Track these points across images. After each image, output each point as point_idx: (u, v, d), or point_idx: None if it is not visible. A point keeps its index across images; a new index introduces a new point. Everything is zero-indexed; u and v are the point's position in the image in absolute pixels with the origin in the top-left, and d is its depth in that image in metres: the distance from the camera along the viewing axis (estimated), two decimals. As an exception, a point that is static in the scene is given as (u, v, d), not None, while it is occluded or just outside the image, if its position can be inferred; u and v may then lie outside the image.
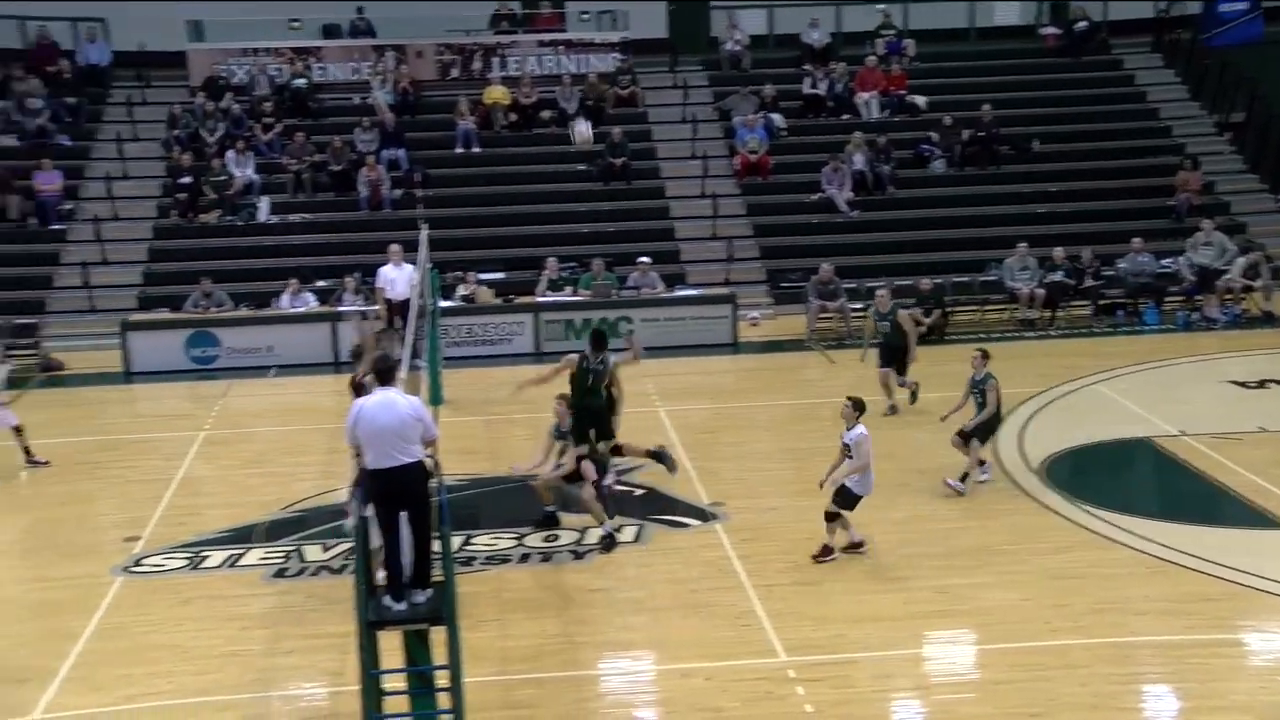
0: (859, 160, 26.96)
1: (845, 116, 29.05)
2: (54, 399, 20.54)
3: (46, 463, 16.74)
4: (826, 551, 13.28)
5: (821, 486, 13.41)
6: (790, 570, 13.15)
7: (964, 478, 15.04)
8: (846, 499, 13.27)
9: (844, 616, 12.10)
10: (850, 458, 13.20)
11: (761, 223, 26.73)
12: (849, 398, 13.43)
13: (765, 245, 26.29)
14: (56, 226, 25.66)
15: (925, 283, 22.72)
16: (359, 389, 12.81)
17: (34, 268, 24.99)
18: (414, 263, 19.26)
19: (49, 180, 25.80)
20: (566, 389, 14.35)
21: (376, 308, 21.54)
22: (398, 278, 20.99)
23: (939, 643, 11.91)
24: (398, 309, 21.11)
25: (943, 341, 21.86)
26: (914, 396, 18.02)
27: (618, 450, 14.43)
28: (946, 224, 26.51)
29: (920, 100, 29.43)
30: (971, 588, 12.62)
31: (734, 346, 22.90)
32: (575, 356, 14.38)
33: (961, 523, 14.34)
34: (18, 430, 16.67)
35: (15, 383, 20.67)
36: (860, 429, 13.22)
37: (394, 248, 21.11)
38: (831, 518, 13.26)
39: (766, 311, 24.51)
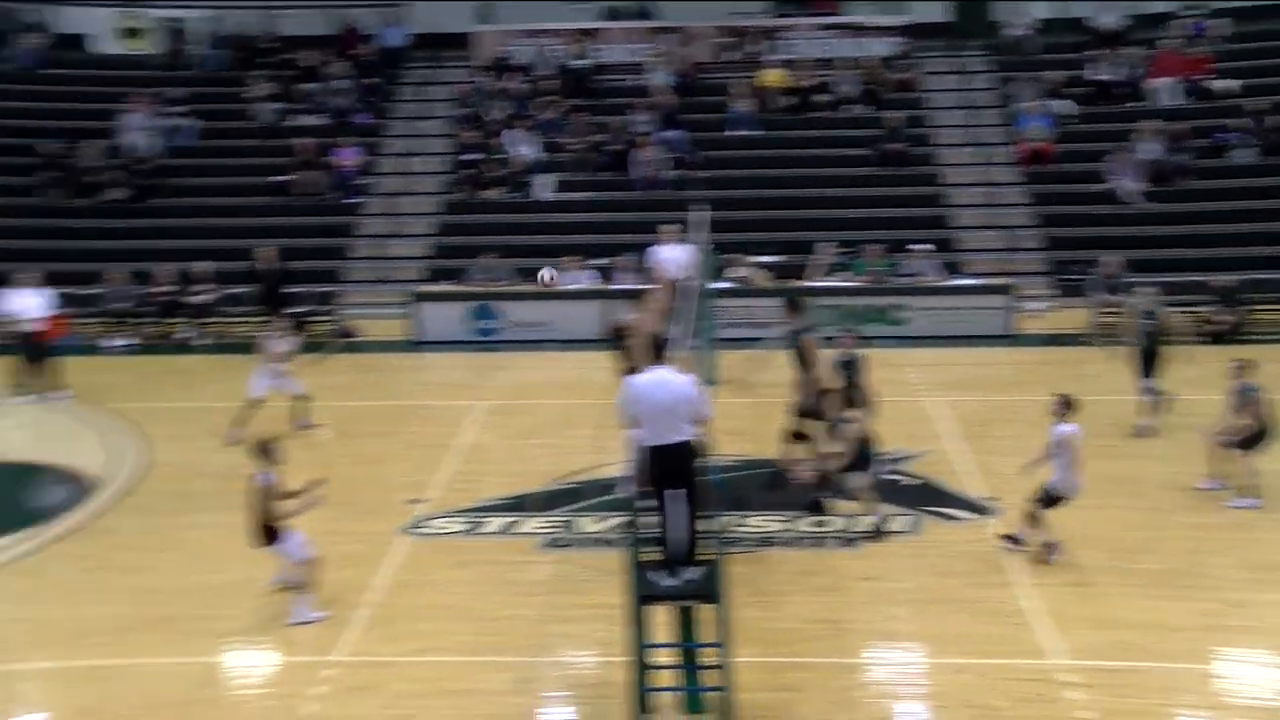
0: (1151, 149, 25.83)
1: (1133, 104, 27.85)
2: (348, 364, 21.58)
3: (315, 427, 17.45)
4: (1013, 540, 12.99)
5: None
6: (1063, 569, 12.75)
7: (1240, 491, 14.27)
8: (1048, 497, 12.81)
9: (1124, 622, 11.65)
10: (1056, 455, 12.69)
11: (1047, 212, 25.92)
12: (1058, 394, 12.92)
13: (1050, 236, 25.49)
14: (353, 200, 26.90)
15: (1220, 280, 21.64)
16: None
17: (333, 239, 26.26)
18: (690, 243, 19.42)
19: (348, 157, 27.09)
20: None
21: (649, 287, 21.89)
22: (672, 257, 21.28)
23: (1236, 660, 11.26)
24: (672, 289, 21.43)
25: (1239, 341, 20.76)
26: (1158, 405, 16.98)
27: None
28: (1248, 217, 25.12)
29: (1230, 85, 27.86)
30: (1273, 605, 11.97)
31: (1011, 338, 22.30)
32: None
33: (1259, 534, 13.62)
34: (300, 398, 17.48)
35: (313, 347, 21.89)
36: (1068, 426, 12.68)
37: (669, 227, 21.43)
38: (1034, 512, 12.86)
39: (1049, 304, 23.76)
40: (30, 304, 19.32)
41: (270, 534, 12.14)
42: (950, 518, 14.25)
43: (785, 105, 28.39)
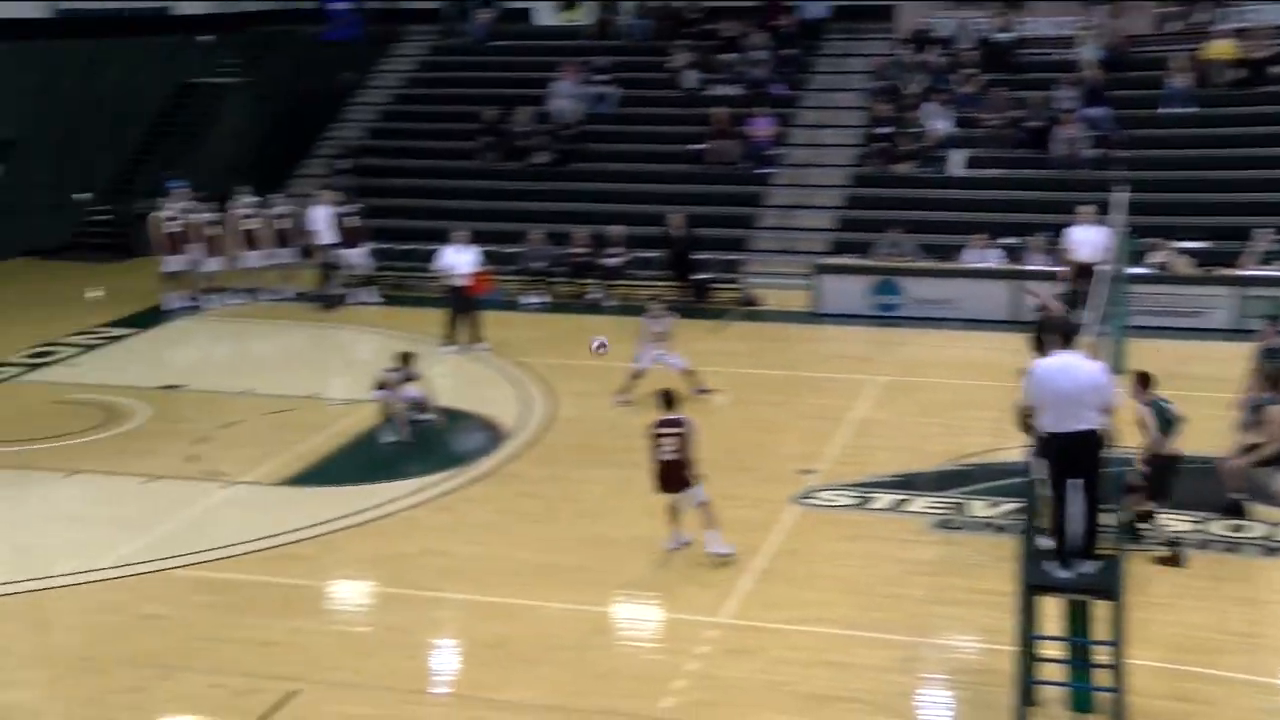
0: None
1: None
2: (748, 332, 21.88)
3: (711, 391, 17.66)
4: None
5: None
6: None
7: None
8: None
9: None
10: None
11: None
12: None
13: None
14: (763, 171, 27.17)
15: None
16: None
17: (741, 208, 26.62)
18: (1108, 225, 18.53)
19: (762, 127, 27.37)
20: None
21: (1061, 269, 21.09)
22: (1087, 239, 20.41)
23: None
24: (1084, 271, 20.54)
25: None
26: None
27: None
28: None
29: None
30: None
31: None
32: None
33: None
34: (687, 372, 17.71)
35: (715, 314, 22.34)
36: None
37: (1085, 208, 20.55)
38: None
39: None
40: (461, 260, 20.59)
41: (680, 480, 12.44)
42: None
43: (1231, 79, 26.41)
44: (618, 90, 29.38)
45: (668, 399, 13.02)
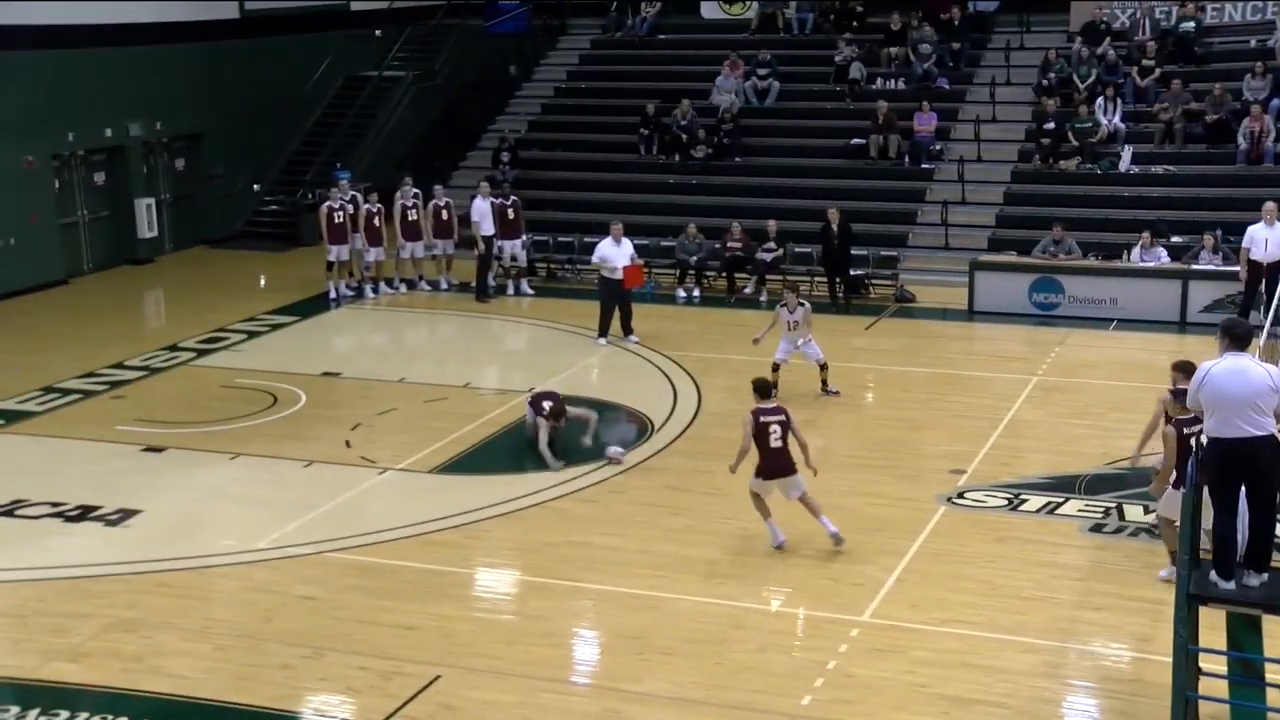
0: None
1: None
2: (902, 329, 21.59)
3: (837, 392, 17.49)
4: None
5: None
6: None
7: None
8: None
9: None
10: None
11: None
12: None
13: None
14: (926, 166, 26.75)
15: None
16: None
17: (901, 203, 26.24)
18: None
19: (926, 121, 26.92)
20: None
21: (1237, 269, 20.40)
22: (1269, 237, 19.68)
23: None
24: (1265, 271, 19.79)
25: None
26: None
27: None
28: None
29: None
30: None
31: None
32: None
33: None
34: (824, 366, 17.57)
35: (871, 310, 22.10)
36: None
37: (1269, 205, 19.85)
38: None
39: None
40: (616, 253, 20.68)
41: (790, 466, 12.91)
42: None
43: None
44: (779, 84, 29.22)
45: (763, 388, 13.22)
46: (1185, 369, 11.80)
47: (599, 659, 11.30)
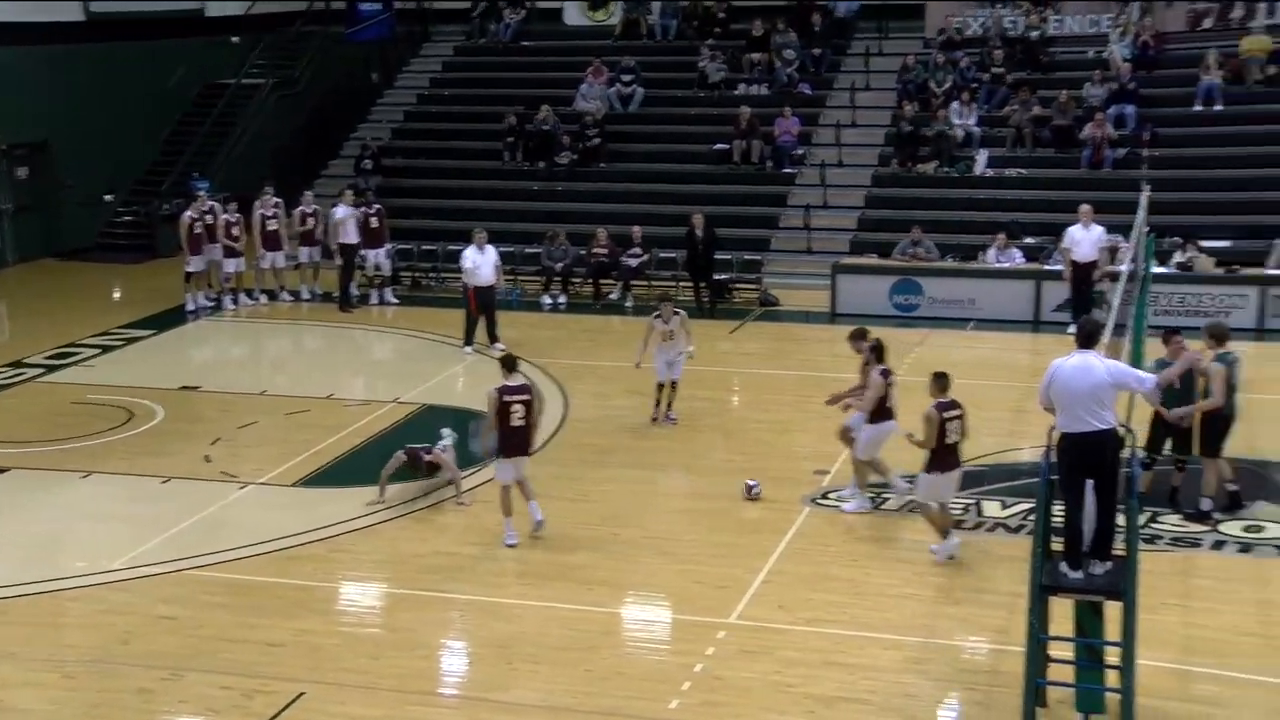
0: None
1: None
2: (767, 332, 21.86)
3: (674, 420, 16.86)
4: None
5: None
6: None
7: None
8: None
9: None
10: None
11: None
12: None
13: None
14: (788, 170, 27.09)
15: None
16: None
17: (764, 208, 26.55)
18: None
19: (788, 126, 27.28)
20: None
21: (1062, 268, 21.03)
22: (1084, 239, 20.41)
23: None
24: (1083, 271, 20.47)
25: None
26: None
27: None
28: None
29: None
30: None
31: None
32: None
33: None
34: (673, 385, 17.02)
35: (735, 314, 22.31)
36: None
37: (1084, 208, 20.84)
38: None
39: None
40: (482, 261, 20.55)
41: (527, 445, 13.26)
42: None
43: (1264, 76, 26.11)
44: (643, 90, 29.36)
45: (509, 363, 13.42)
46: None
47: (467, 669, 11.24)
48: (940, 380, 12.80)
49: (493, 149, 28.67)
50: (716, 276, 23.37)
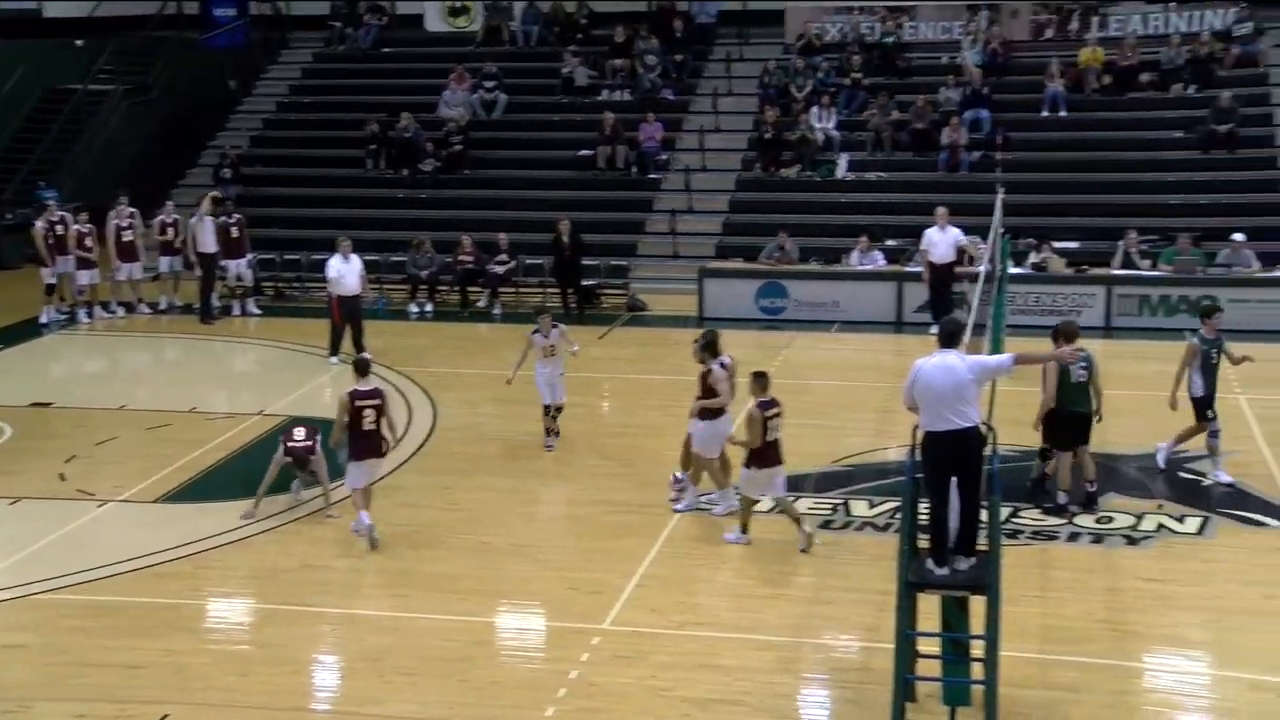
0: None
1: None
2: (635, 337, 21.97)
3: (551, 446, 16.38)
4: None
5: None
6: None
7: None
8: None
9: None
10: None
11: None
12: None
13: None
14: (653, 175, 27.27)
15: None
16: None
17: (630, 213, 26.70)
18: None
19: (651, 132, 27.44)
20: None
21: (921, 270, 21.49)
22: (940, 240, 20.90)
23: None
24: (941, 272, 20.96)
25: None
26: None
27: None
28: None
29: None
30: None
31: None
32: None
33: None
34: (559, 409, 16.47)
35: (603, 320, 22.39)
36: None
37: (940, 210, 21.30)
38: None
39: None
40: (348, 269, 20.28)
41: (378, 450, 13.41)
42: (1252, 523, 13.41)
43: (1101, 85, 27.14)
44: (506, 96, 29.30)
45: (361, 367, 13.61)
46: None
47: (339, 684, 11.09)
48: (760, 379, 13.15)
49: (355, 157, 28.38)
50: (584, 282, 23.42)
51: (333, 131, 29.51)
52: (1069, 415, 13.52)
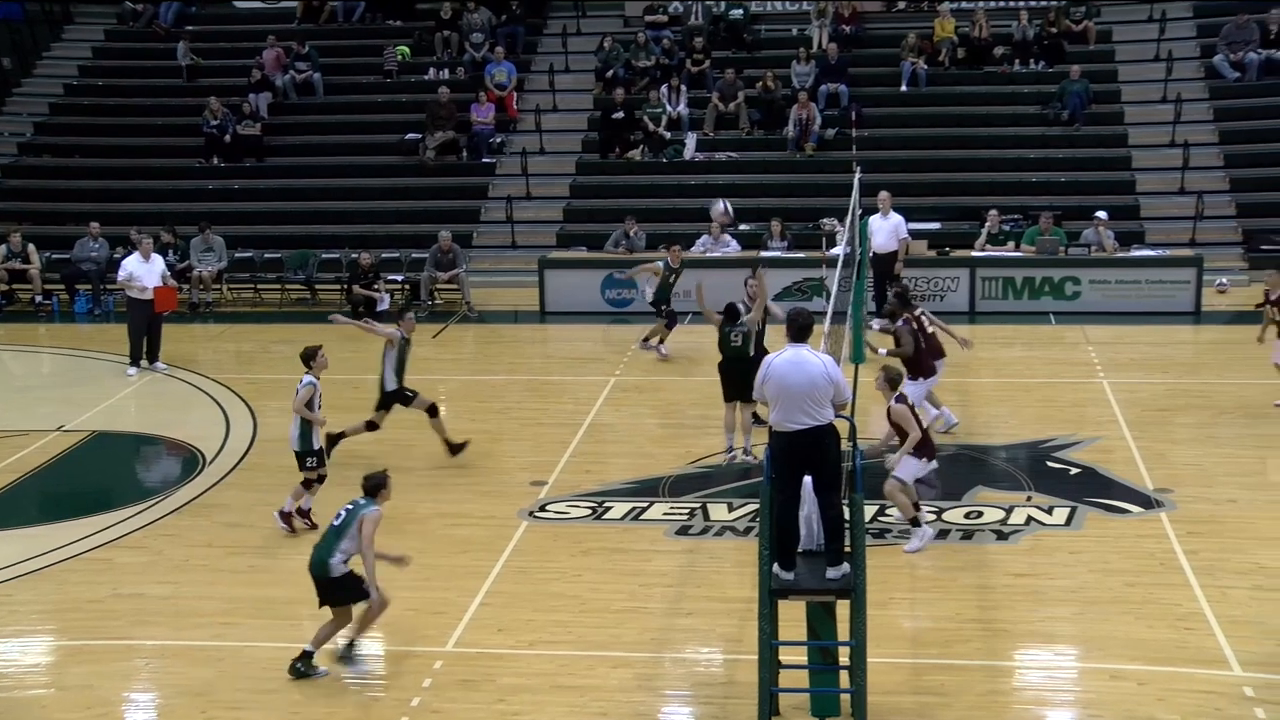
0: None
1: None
2: (472, 334, 21.90)
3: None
4: None
5: None
6: (1252, 573, 12.42)
7: None
8: None
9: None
10: None
11: (1242, 176, 25.08)
12: None
13: (1242, 202, 24.65)
14: (487, 160, 27.15)
15: None
16: None
17: (464, 201, 26.56)
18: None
19: (484, 114, 27.33)
20: None
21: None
22: (881, 228, 20.90)
23: None
24: (882, 262, 21.02)
25: None
26: None
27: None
28: None
29: None
30: None
31: (1196, 315, 21.70)
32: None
33: None
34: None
35: (437, 317, 22.24)
36: None
37: (882, 194, 21.11)
38: None
39: (1239, 277, 23.03)
40: (147, 271, 19.78)
41: None
42: (1117, 510, 13.92)
43: (957, 59, 27.80)
44: (324, 76, 28.91)
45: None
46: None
47: (157, 724, 10.87)
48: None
49: (159, 145, 27.75)
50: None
51: (131, 118, 28.82)
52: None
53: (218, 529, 14.15)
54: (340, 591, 11.17)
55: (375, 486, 11.44)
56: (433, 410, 15.69)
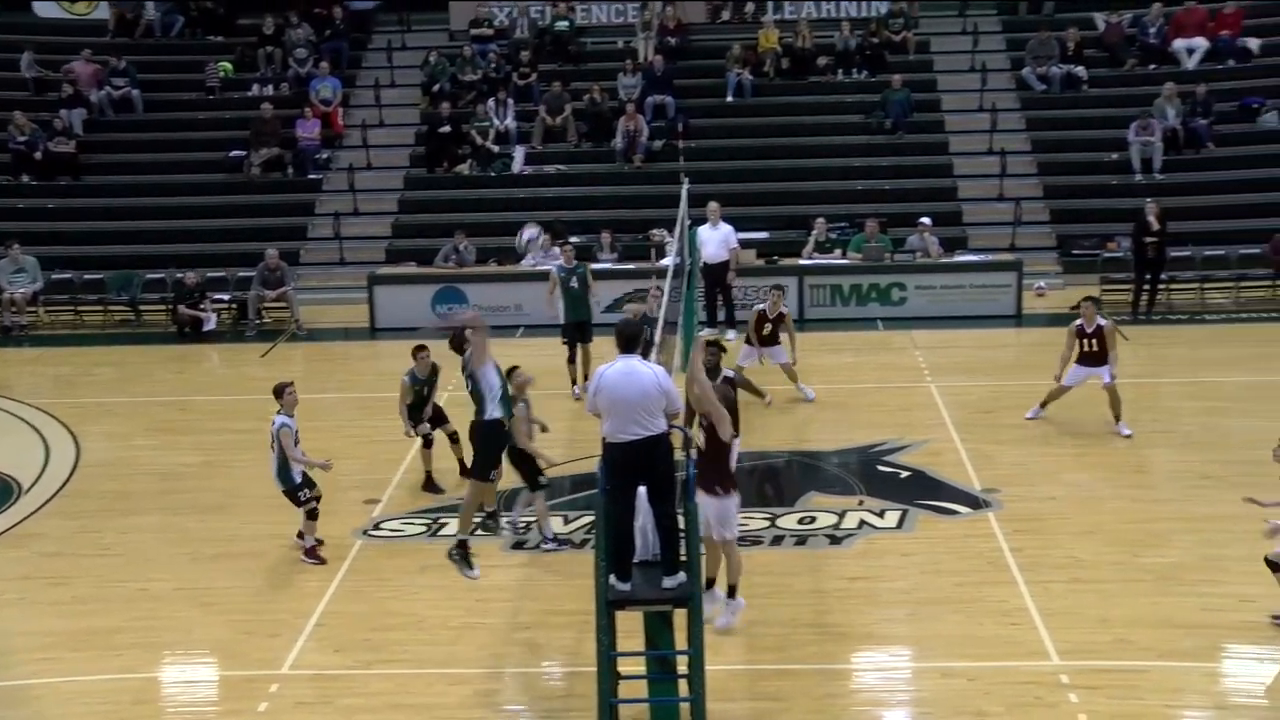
0: (1170, 114, 25.80)
1: (1155, 66, 27.85)
2: (301, 353, 21.61)
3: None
4: None
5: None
6: (1069, 566, 12.86)
7: None
8: None
9: (1129, 620, 11.72)
10: None
11: (1054, 183, 25.92)
12: None
13: (1056, 208, 25.49)
14: (313, 176, 26.82)
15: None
16: None
17: (290, 218, 26.19)
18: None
19: (309, 129, 26.97)
20: None
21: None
22: (711, 238, 21.04)
23: (1241, 658, 11.37)
24: (713, 272, 21.19)
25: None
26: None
27: None
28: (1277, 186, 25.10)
29: (1254, 44, 27.91)
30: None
31: (1017, 319, 22.35)
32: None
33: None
34: None
35: (265, 335, 21.89)
36: None
37: (711, 205, 21.21)
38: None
39: (1055, 280, 23.80)
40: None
41: None
42: (946, 512, 14.27)
43: (780, 69, 28.31)
44: (142, 92, 28.26)
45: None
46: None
47: (-28, 771, 10.50)
48: None
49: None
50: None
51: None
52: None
53: (36, 559, 13.72)
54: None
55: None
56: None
